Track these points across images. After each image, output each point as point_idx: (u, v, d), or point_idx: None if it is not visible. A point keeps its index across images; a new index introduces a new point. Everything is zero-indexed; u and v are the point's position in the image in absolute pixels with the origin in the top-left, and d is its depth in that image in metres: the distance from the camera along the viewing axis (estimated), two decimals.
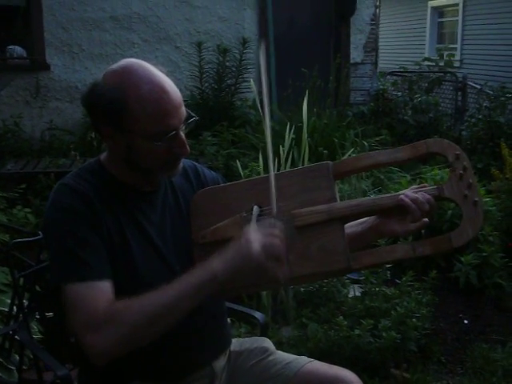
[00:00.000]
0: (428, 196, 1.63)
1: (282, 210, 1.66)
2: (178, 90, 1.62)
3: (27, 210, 4.80)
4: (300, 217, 1.65)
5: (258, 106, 4.56)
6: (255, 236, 1.54)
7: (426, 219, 1.64)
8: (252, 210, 1.69)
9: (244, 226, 1.63)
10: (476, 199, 1.59)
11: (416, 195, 1.63)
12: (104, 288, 1.56)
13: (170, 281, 1.68)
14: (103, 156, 1.74)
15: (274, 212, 1.62)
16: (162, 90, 1.57)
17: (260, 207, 1.70)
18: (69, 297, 1.55)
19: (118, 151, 1.65)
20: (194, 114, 1.68)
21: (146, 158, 1.63)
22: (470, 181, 1.61)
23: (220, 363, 1.84)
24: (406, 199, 1.62)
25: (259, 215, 1.68)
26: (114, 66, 1.63)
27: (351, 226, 1.74)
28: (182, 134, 1.63)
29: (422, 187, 1.68)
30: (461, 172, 1.62)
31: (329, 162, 1.75)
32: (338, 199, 1.69)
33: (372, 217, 1.73)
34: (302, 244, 1.63)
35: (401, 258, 1.65)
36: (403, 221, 1.66)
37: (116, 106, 1.56)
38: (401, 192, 1.68)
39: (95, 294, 1.54)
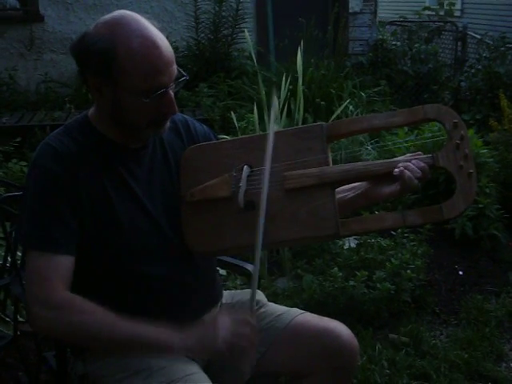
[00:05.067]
0: (422, 164, 1.59)
1: (272, 172, 1.62)
2: (170, 47, 1.58)
3: (23, 163, 4.79)
4: (290, 179, 1.63)
5: (253, 57, 4.50)
6: (226, 323, 1.53)
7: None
8: (242, 169, 1.67)
9: (233, 185, 1.64)
10: (471, 171, 1.54)
11: (408, 163, 1.59)
12: (64, 264, 1.55)
13: (156, 237, 1.67)
14: (90, 111, 1.71)
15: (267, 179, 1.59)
16: (153, 45, 1.53)
17: (250, 167, 1.68)
18: (29, 264, 1.56)
19: (104, 105, 1.62)
20: (184, 73, 1.64)
21: (132, 114, 1.59)
22: (467, 151, 1.56)
23: (211, 316, 1.83)
24: (399, 168, 1.58)
25: (249, 176, 1.66)
26: (107, 16, 1.59)
27: (342, 191, 1.71)
28: (171, 93, 1.59)
29: (416, 155, 1.64)
30: (457, 141, 1.57)
31: (323, 123, 1.71)
32: (331, 163, 1.66)
33: (363, 182, 1.69)
34: (292, 207, 1.61)
35: (390, 227, 1.64)
36: (392, 184, 1.62)
37: (106, 56, 1.52)
38: (395, 159, 1.65)
39: (54, 269, 1.53)
